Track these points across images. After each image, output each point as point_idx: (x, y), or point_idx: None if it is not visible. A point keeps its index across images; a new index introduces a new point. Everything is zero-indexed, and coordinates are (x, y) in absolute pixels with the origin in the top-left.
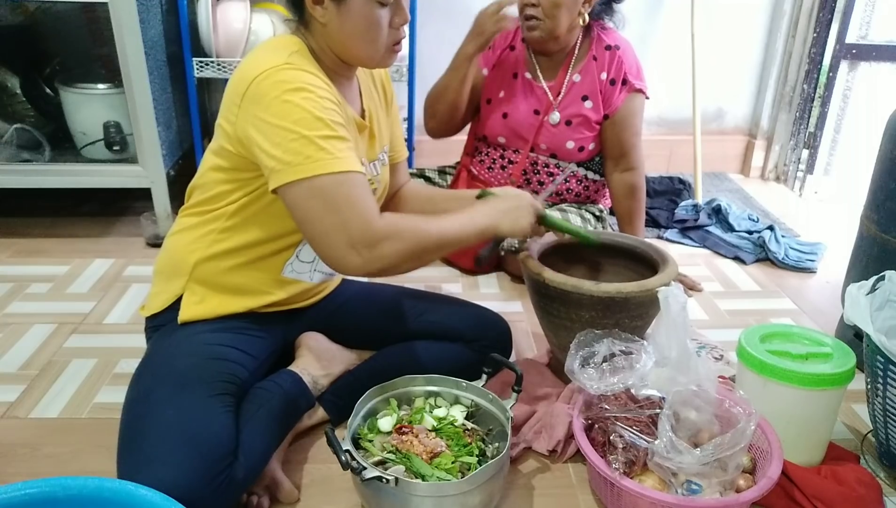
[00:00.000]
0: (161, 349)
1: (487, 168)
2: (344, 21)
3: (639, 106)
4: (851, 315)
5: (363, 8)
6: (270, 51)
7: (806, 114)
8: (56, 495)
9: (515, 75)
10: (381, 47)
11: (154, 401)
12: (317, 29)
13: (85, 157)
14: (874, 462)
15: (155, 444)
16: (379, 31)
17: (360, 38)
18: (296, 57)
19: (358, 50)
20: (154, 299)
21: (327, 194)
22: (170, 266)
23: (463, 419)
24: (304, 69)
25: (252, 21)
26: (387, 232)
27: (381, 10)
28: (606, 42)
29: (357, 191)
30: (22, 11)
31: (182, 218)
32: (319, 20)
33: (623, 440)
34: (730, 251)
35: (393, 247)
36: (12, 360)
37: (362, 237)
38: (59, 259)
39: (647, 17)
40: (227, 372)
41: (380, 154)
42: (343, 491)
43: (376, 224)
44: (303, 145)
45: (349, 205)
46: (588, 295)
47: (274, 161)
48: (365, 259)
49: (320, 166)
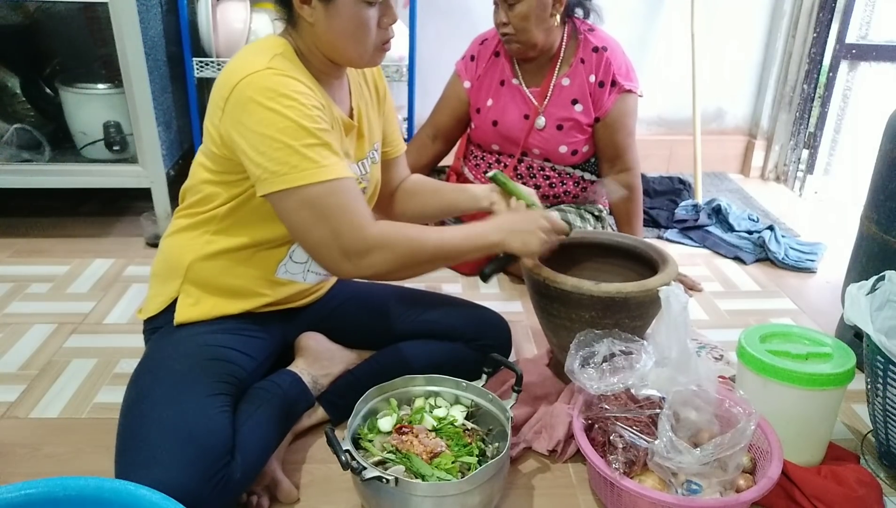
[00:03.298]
0: (158, 351)
1: (483, 172)
2: (332, 21)
3: (630, 106)
4: (851, 315)
5: (351, 8)
6: (253, 53)
7: (806, 114)
8: (55, 495)
9: (503, 83)
10: (369, 47)
11: (151, 402)
12: (305, 29)
13: (85, 157)
14: (874, 462)
15: (153, 444)
16: (367, 32)
17: (348, 38)
18: (279, 60)
19: (346, 50)
20: (151, 302)
21: (316, 204)
22: (165, 268)
23: (463, 419)
24: (286, 74)
25: (252, 21)
26: (378, 242)
27: (369, 9)
28: (594, 44)
29: (347, 198)
30: (22, 11)
31: (176, 219)
32: (307, 20)
33: (623, 440)
34: (730, 251)
35: (384, 257)
36: (12, 360)
37: (353, 246)
38: (59, 259)
39: (647, 17)
40: (224, 372)
41: (369, 153)
42: (343, 491)
43: (368, 232)
44: (287, 155)
45: (340, 214)
46: (588, 295)
47: (259, 169)
48: (356, 267)
49: (307, 176)
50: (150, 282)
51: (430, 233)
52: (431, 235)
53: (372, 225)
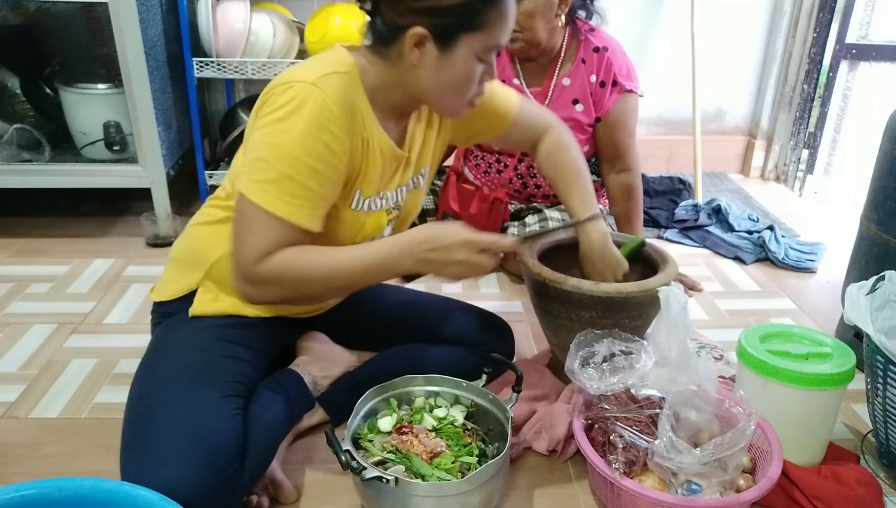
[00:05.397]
0: (172, 341)
1: (483, 172)
2: (442, 69)
3: (631, 106)
4: (851, 315)
5: (465, 62)
6: (311, 64)
7: (806, 114)
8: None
9: (503, 83)
10: (464, 101)
11: (165, 397)
12: (402, 66)
13: (85, 157)
14: (874, 462)
15: (165, 443)
16: (471, 86)
17: (451, 89)
18: (332, 79)
19: (443, 98)
20: (167, 286)
21: (244, 221)
22: (189, 257)
23: (463, 419)
24: (328, 95)
25: (252, 21)
26: (268, 277)
27: (479, 65)
28: (595, 44)
29: (272, 234)
30: (22, 11)
31: (210, 208)
32: (412, 61)
33: (623, 440)
34: (730, 251)
35: (272, 291)
36: (12, 360)
37: (246, 274)
38: (59, 259)
39: (647, 17)
40: (238, 372)
41: (413, 178)
42: (343, 491)
43: (261, 268)
44: (262, 169)
45: (251, 240)
46: (588, 295)
47: (242, 165)
48: (251, 293)
49: (265, 199)
50: (168, 264)
51: (328, 264)
52: (328, 265)
53: (269, 261)
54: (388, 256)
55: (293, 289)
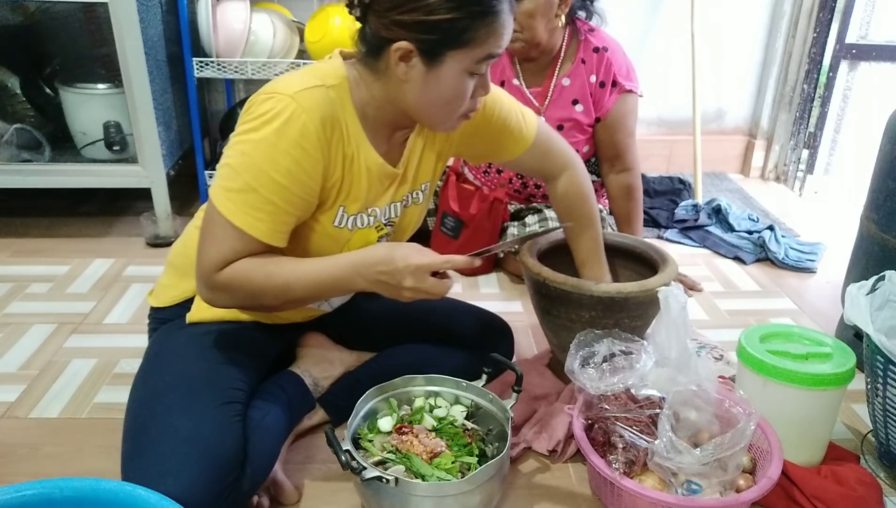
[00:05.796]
0: (170, 350)
1: (483, 172)
2: (429, 85)
3: (631, 107)
4: (851, 315)
5: (454, 77)
6: (301, 75)
7: (806, 114)
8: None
9: (503, 83)
10: (456, 116)
11: (165, 407)
12: (390, 81)
13: (85, 157)
14: (874, 462)
15: (165, 455)
16: (462, 101)
17: (440, 104)
18: (314, 93)
19: (432, 114)
20: (164, 292)
21: (209, 226)
22: (187, 264)
23: (463, 419)
24: (304, 110)
25: (252, 21)
26: (225, 285)
27: (471, 80)
28: (594, 44)
29: (231, 244)
30: (22, 11)
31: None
32: (399, 76)
33: (623, 440)
34: (730, 251)
35: (229, 299)
36: (12, 360)
37: (204, 279)
38: (59, 259)
39: (646, 17)
40: (236, 378)
41: (411, 193)
42: (343, 491)
43: (219, 275)
44: (230, 176)
45: (211, 246)
46: (588, 295)
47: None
48: (210, 298)
49: (228, 208)
50: (165, 269)
51: (283, 278)
52: (283, 279)
53: (224, 269)
54: (343, 274)
55: (249, 299)
